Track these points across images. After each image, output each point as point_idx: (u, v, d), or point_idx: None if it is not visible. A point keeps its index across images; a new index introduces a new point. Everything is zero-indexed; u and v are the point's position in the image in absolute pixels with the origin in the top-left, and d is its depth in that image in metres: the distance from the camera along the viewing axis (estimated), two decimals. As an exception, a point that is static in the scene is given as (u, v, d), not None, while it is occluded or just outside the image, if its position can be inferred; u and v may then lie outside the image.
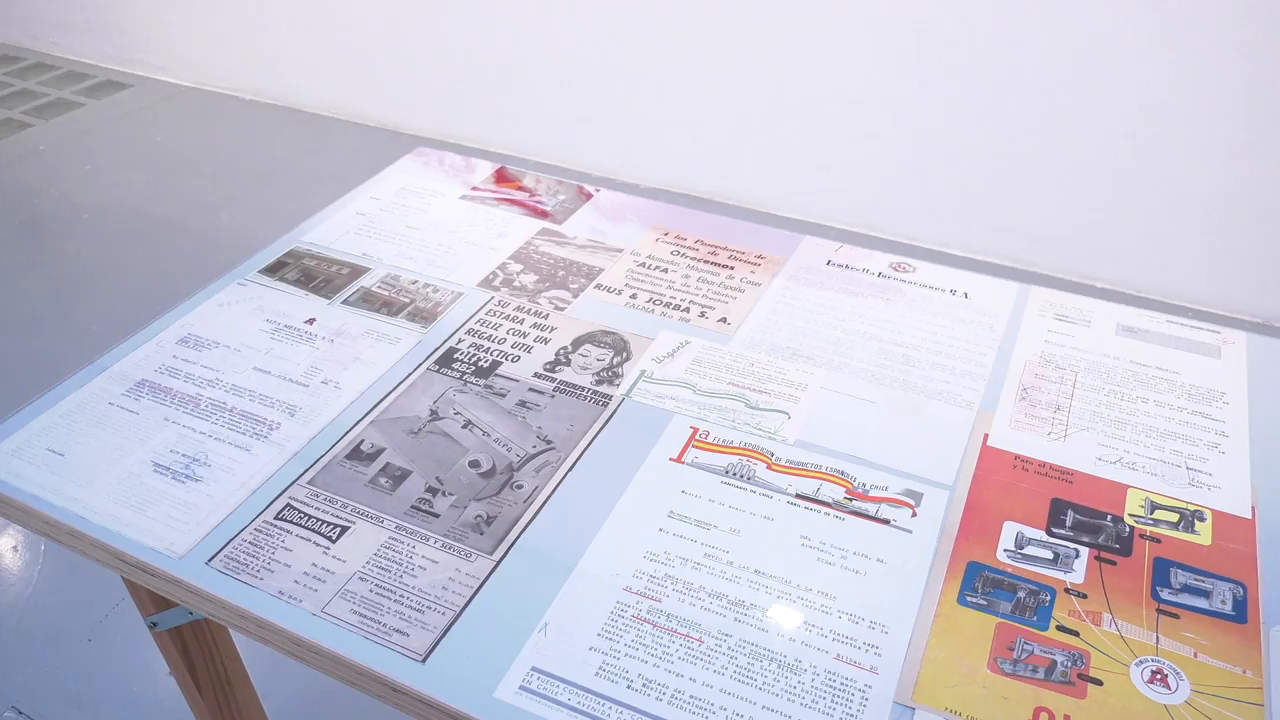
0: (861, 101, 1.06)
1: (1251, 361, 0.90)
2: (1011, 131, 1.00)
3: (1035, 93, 0.99)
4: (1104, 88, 0.97)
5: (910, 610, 0.67)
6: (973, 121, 1.02)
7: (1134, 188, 0.99)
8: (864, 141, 1.09)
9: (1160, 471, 0.78)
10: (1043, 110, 0.99)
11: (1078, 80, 0.97)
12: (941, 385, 0.87)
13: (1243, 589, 0.68)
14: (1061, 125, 0.99)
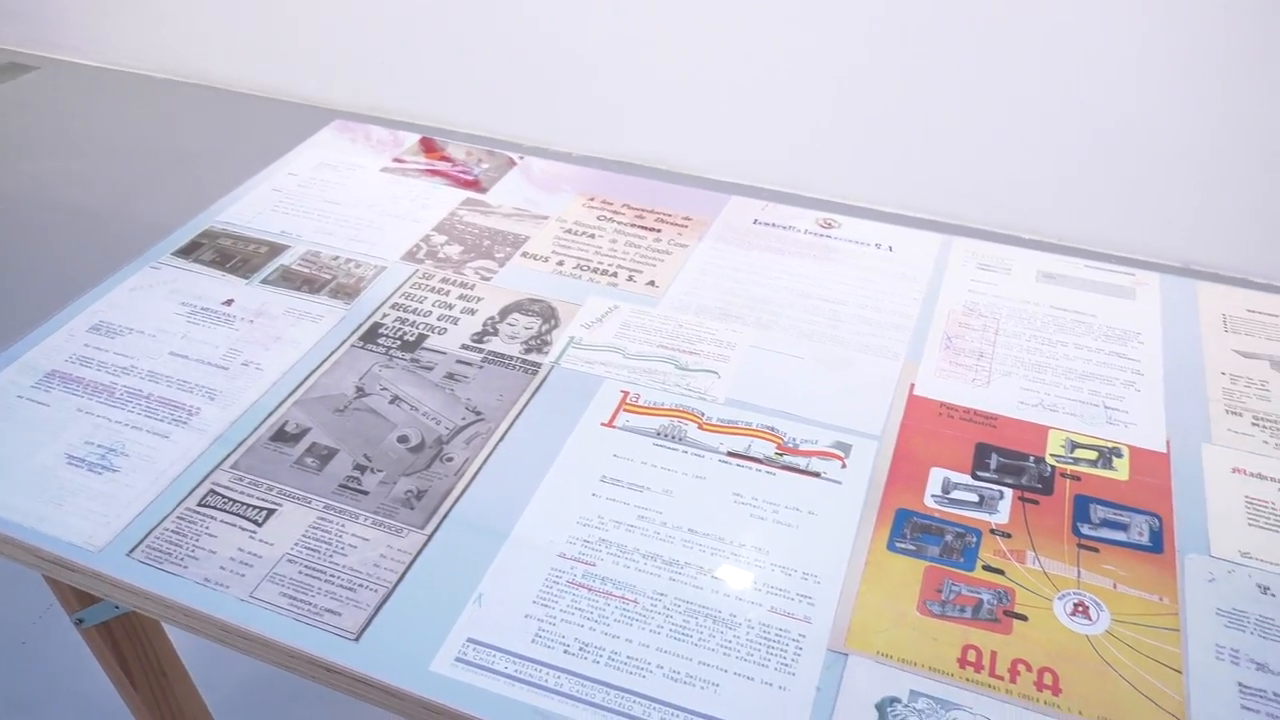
0: (786, 64, 1.05)
1: (1164, 301, 0.93)
2: (933, 89, 1.01)
3: (954, 50, 1.00)
4: (1020, 42, 0.98)
5: (841, 559, 0.68)
6: (895, 80, 1.02)
7: (1053, 140, 1.01)
8: (790, 103, 1.09)
9: (1079, 412, 0.80)
10: (962, 67, 1.00)
11: (995, 36, 0.98)
12: (868, 338, 0.88)
13: (1158, 521, 0.71)
14: (981, 81, 1.00)
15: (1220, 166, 0.97)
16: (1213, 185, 0.98)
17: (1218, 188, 0.98)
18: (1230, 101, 0.94)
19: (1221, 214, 1.00)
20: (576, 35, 1.15)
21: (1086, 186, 1.03)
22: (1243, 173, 0.96)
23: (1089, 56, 0.96)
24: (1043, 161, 1.03)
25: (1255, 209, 0.98)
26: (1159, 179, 1.00)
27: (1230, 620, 0.64)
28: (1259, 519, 0.71)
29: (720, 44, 1.08)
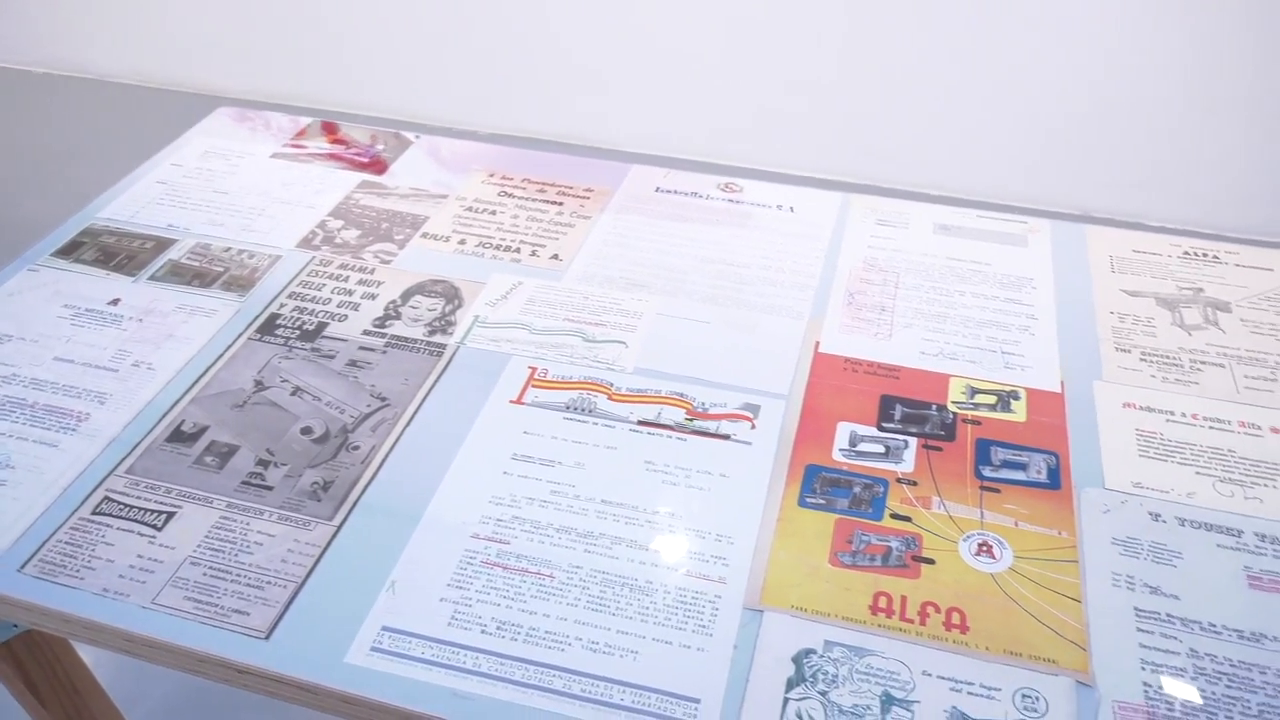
0: (681, 32, 1.05)
1: (1055, 246, 0.95)
2: (830, 49, 1.02)
3: (846, 11, 1.01)
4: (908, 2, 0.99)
5: (754, 519, 0.68)
6: (791, 43, 1.03)
7: (944, 96, 1.02)
8: (690, 68, 1.09)
9: (978, 358, 0.82)
10: (854, 28, 1.01)
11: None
12: (773, 299, 0.88)
13: (1055, 458, 0.73)
14: (873, 41, 1.01)
15: (1103, 115, 1.00)
16: (1098, 133, 1.01)
17: (1102, 135, 1.01)
18: (1111, 52, 0.96)
19: (1108, 160, 1.03)
20: (474, 11, 1.12)
21: (979, 139, 1.05)
22: (1125, 120, 0.99)
23: (976, 13, 0.98)
24: (936, 117, 1.05)
25: (1138, 153, 1.02)
26: (1047, 129, 1.02)
27: (1125, 548, 0.67)
28: (1149, 449, 0.74)
29: (615, 15, 1.07)
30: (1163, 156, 1.02)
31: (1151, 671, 0.59)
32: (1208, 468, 0.72)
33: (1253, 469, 0.72)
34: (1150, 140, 1.00)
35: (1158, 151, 1.01)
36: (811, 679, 0.59)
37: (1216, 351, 0.83)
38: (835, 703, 0.57)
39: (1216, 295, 0.90)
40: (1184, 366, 0.81)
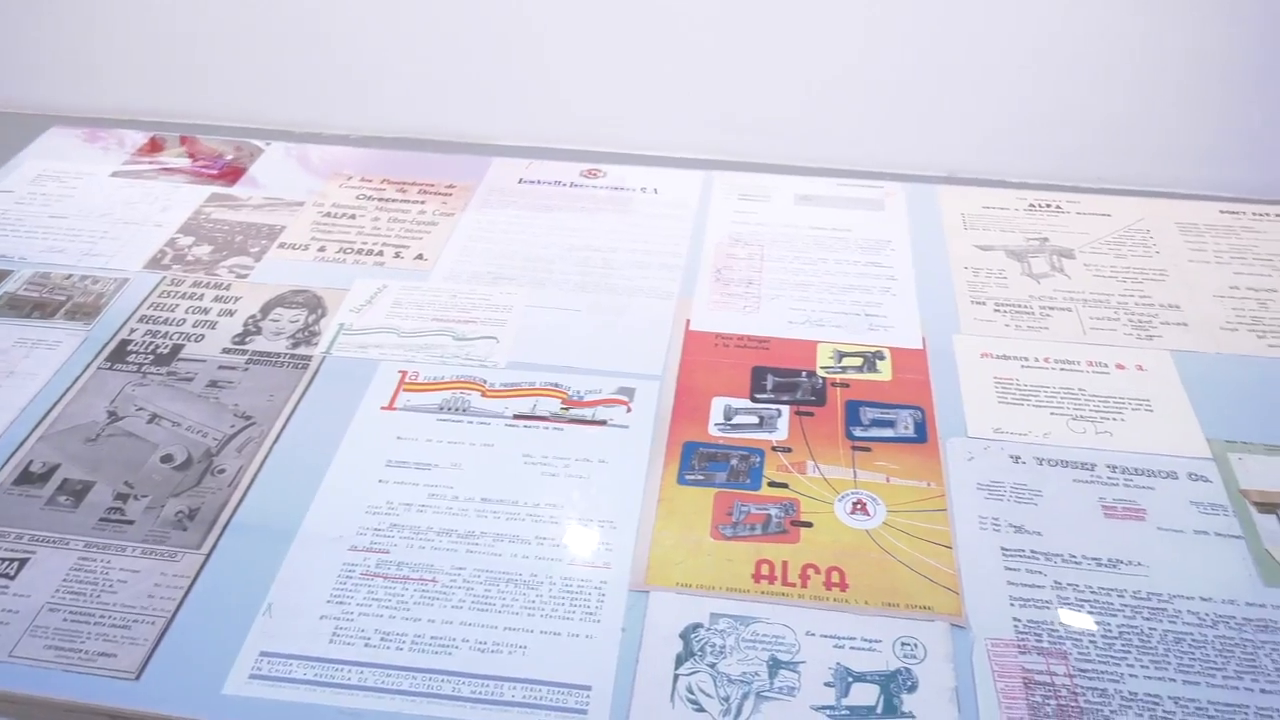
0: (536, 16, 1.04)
1: (910, 208, 0.98)
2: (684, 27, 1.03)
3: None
4: None
5: (635, 501, 0.69)
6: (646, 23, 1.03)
7: (797, 69, 1.04)
8: (544, 55, 1.08)
9: (844, 323, 0.84)
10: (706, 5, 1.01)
11: None
12: (641, 281, 0.89)
13: (921, 413, 0.75)
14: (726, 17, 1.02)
15: (946, 77, 1.03)
16: (945, 95, 1.04)
17: (949, 97, 1.04)
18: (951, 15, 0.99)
19: (957, 121, 1.07)
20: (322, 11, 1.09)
21: (833, 109, 1.08)
22: (970, 82, 1.03)
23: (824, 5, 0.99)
24: (792, 89, 1.07)
25: (985, 113, 1.05)
26: (897, 95, 1.05)
27: (989, 492, 0.69)
28: (1007, 395, 0.77)
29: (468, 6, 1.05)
30: (1007, 115, 1.07)
31: (1020, 607, 0.62)
32: (1061, 408, 0.76)
33: (1102, 405, 0.76)
34: (996, 100, 1.04)
35: (1003, 110, 1.06)
36: (700, 652, 0.59)
37: (1063, 296, 0.87)
38: (724, 673, 0.58)
39: (1061, 243, 0.94)
40: (1034, 313, 0.85)
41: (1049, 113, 1.05)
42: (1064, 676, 0.58)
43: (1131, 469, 0.71)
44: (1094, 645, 0.60)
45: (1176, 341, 0.82)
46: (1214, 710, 0.57)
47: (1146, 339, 0.82)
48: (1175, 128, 1.05)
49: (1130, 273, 0.90)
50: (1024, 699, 0.57)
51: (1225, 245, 0.94)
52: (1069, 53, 1.01)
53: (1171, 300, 0.87)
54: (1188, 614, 0.62)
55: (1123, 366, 0.80)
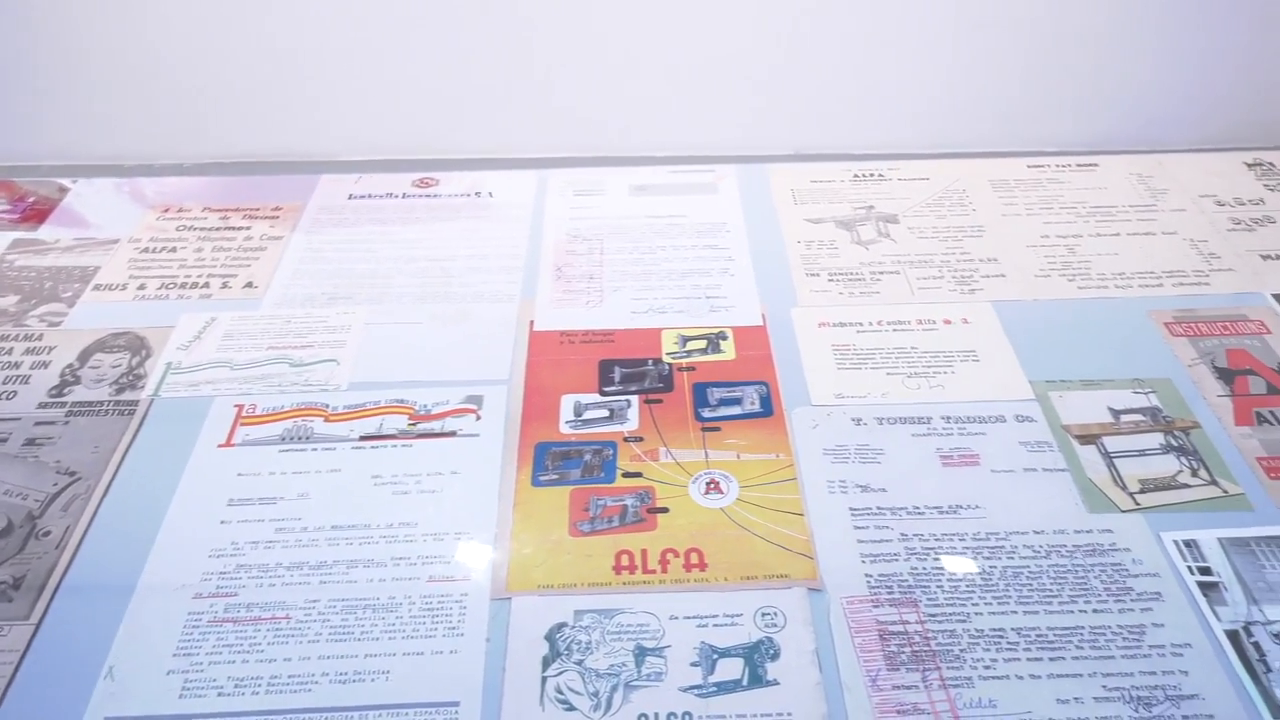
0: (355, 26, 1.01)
1: (742, 189, 1.00)
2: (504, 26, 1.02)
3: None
4: None
5: (490, 509, 0.68)
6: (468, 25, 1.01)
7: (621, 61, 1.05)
8: (369, 66, 1.05)
9: (686, 307, 0.85)
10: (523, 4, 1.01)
11: None
12: (481, 287, 0.88)
13: (766, 387, 0.77)
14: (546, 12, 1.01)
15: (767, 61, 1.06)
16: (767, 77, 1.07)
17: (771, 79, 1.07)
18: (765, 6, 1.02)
19: (780, 101, 1.09)
20: (128, 35, 1.03)
21: (660, 98, 1.09)
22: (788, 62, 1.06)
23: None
24: (619, 82, 1.07)
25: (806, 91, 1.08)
26: (721, 80, 1.07)
27: (835, 456, 0.72)
28: (844, 361, 0.80)
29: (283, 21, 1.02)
30: (828, 92, 1.10)
31: (871, 562, 0.64)
32: (896, 367, 0.79)
33: (933, 360, 0.80)
34: (816, 78, 1.07)
35: (824, 88, 1.09)
36: (566, 651, 0.59)
37: (891, 260, 0.91)
38: (592, 668, 0.58)
39: (886, 210, 0.98)
40: (865, 279, 0.88)
41: (867, 87, 1.09)
42: (916, 623, 0.61)
43: (964, 418, 0.75)
44: (941, 590, 0.63)
45: (996, 292, 0.87)
46: (1053, 635, 0.60)
47: (969, 293, 0.87)
48: (982, 91, 1.10)
49: (950, 232, 0.94)
50: (880, 650, 0.59)
51: (1034, 198, 0.99)
52: (881, 29, 1.05)
53: (989, 254, 0.91)
54: (1023, 548, 0.65)
55: (949, 321, 0.83)
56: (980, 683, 0.58)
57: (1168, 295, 0.87)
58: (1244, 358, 0.80)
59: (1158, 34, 1.06)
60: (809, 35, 1.06)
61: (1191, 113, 1.12)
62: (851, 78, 1.09)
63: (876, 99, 1.10)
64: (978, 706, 0.56)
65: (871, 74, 1.08)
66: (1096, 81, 1.09)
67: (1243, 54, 1.08)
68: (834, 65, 1.08)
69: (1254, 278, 0.89)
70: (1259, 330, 0.83)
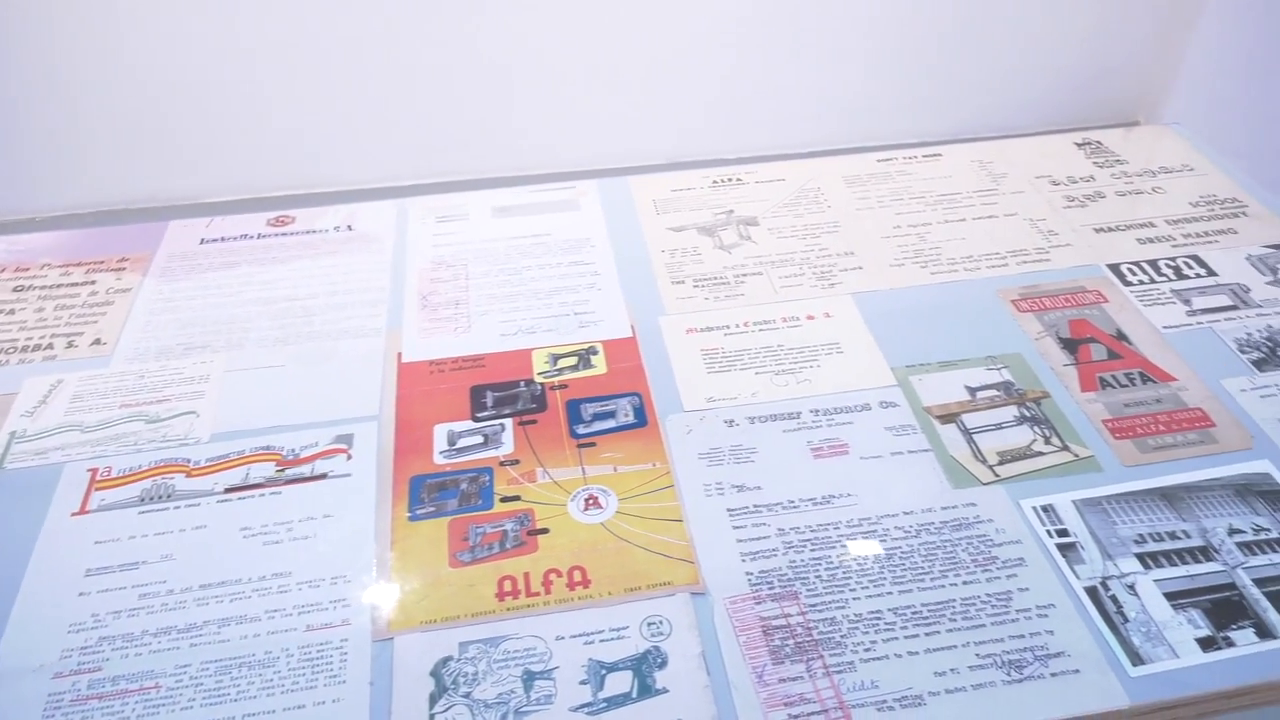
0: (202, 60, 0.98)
1: (604, 202, 1.01)
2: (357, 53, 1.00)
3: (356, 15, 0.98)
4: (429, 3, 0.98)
5: (367, 550, 0.66)
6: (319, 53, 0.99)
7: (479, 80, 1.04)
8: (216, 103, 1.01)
9: (555, 326, 0.85)
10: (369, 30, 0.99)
11: None
12: (345, 323, 0.86)
13: (639, 398, 0.78)
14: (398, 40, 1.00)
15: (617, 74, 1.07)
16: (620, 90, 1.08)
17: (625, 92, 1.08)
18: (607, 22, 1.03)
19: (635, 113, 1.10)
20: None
21: (516, 118, 1.09)
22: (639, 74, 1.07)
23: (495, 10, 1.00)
24: (474, 104, 1.07)
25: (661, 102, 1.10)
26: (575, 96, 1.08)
27: (710, 460, 0.73)
28: (714, 365, 0.81)
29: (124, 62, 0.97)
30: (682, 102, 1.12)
31: (751, 560, 0.65)
32: (764, 366, 0.81)
33: (799, 355, 0.82)
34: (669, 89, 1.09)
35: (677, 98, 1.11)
36: (453, 686, 0.58)
37: (754, 262, 0.93)
38: (479, 699, 0.57)
39: (746, 213, 1.00)
40: (730, 283, 0.90)
41: (720, 93, 1.11)
42: (797, 615, 0.62)
43: (831, 409, 0.77)
44: (820, 580, 0.64)
45: (855, 285, 0.90)
46: (927, 611, 0.62)
47: (829, 287, 0.89)
48: (830, 91, 1.14)
49: (808, 229, 0.97)
50: (764, 646, 0.60)
51: (885, 190, 1.03)
52: (728, 37, 1.07)
53: (846, 248, 0.94)
54: (895, 530, 0.67)
55: (812, 317, 0.86)
56: (862, 665, 0.59)
57: (1013, 274, 0.91)
58: (1085, 327, 0.85)
59: (988, 28, 1.11)
60: (660, 47, 1.08)
61: (1024, 99, 1.19)
62: (705, 86, 1.11)
63: (730, 105, 1.13)
64: (861, 689, 0.58)
65: (724, 81, 1.11)
66: (936, 76, 1.14)
67: (1068, 41, 1.14)
68: (688, 75, 1.10)
69: (1090, 251, 0.94)
70: (1097, 300, 0.88)
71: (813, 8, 1.08)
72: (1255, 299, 0.87)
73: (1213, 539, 0.67)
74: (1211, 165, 1.07)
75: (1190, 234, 0.96)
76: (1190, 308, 0.87)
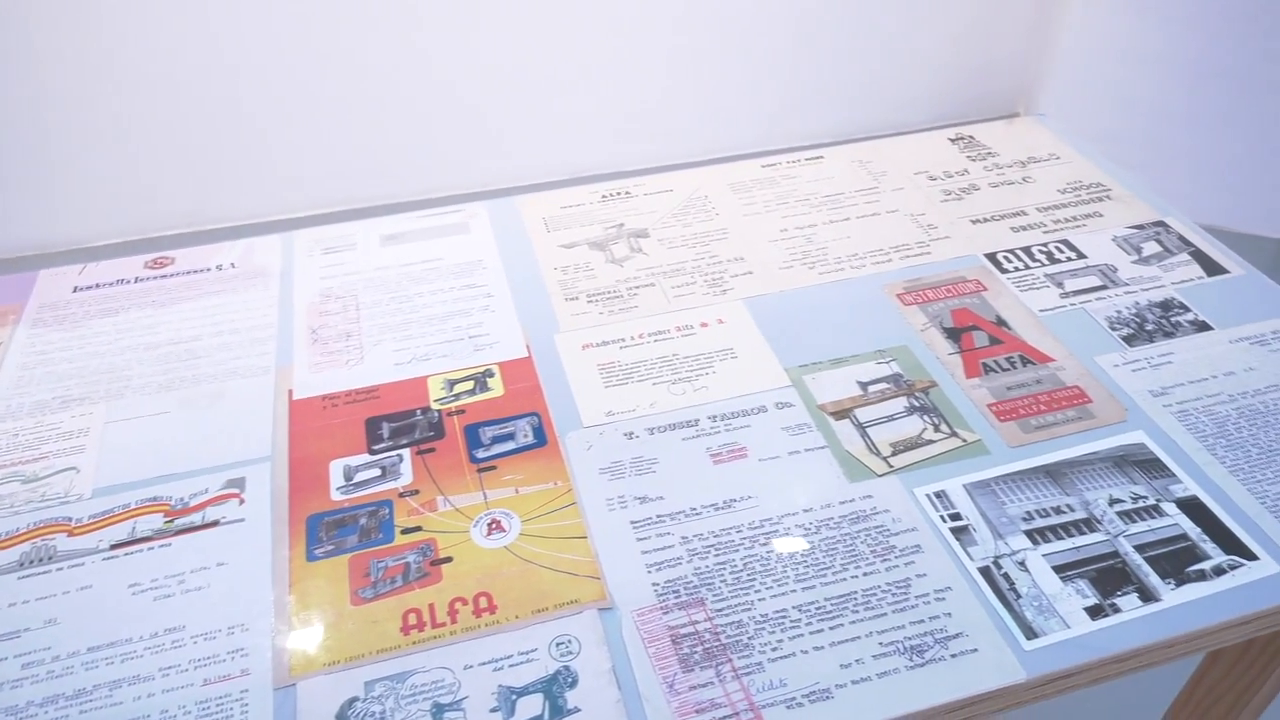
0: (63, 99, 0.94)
1: (495, 224, 1.01)
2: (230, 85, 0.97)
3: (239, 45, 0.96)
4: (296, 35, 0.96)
5: (265, 596, 0.65)
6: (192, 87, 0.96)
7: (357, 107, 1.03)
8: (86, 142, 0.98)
9: (449, 351, 0.84)
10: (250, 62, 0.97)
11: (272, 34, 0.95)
12: (233, 363, 0.84)
13: (537, 417, 0.78)
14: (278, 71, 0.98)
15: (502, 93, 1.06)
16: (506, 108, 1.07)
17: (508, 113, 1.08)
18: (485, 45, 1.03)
19: (518, 133, 1.10)
20: None
21: (403, 143, 1.08)
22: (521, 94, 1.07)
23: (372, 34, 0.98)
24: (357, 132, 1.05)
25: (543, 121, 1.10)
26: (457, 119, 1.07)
27: (612, 474, 0.73)
28: (611, 379, 0.81)
29: None
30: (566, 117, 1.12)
31: (656, 571, 0.66)
32: (660, 376, 0.81)
33: (694, 363, 0.83)
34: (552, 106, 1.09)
35: (560, 113, 1.11)
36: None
37: (646, 274, 0.93)
38: (389, 738, 0.56)
39: (636, 225, 1.01)
40: (623, 296, 0.90)
41: (604, 107, 1.12)
42: (705, 621, 0.63)
43: (729, 414, 0.78)
44: (725, 584, 0.65)
45: (746, 290, 0.91)
46: (830, 605, 0.64)
47: (721, 294, 0.90)
48: (712, 99, 1.16)
49: (698, 238, 0.98)
50: (674, 655, 0.61)
51: (771, 195, 1.05)
52: (609, 50, 1.08)
53: (736, 254, 0.96)
54: (796, 528, 0.69)
55: (706, 324, 0.87)
56: (770, 665, 0.60)
57: (897, 268, 0.94)
58: (967, 315, 0.88)
59: (866, 31, 1.15)
60: (541, 63, 1.08)
61: (905, 98, 1.22)
62: (590, 100, 1.12)
63: (616, 118, 1.14)
64: (770, 689, 0.59)
65: (608, 94, 1.12)
66: (817, 80, 1.17)
67: (945, 40, 1.18)
68: (572, 91, 1.10)
69: (968, 242, 0.97)
70: (977, 289, 0.91)
71: (692, 20, 1.09)
72: (1122, 278, 0.92)
73: (1095, 510, 0.70)
74: (1076, 153, 1.12)
75: (1060, 220, 1.00)
76: (1063, 290, 0.91)
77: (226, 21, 0.94)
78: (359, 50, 1.00)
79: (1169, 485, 0.71)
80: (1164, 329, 0.85)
